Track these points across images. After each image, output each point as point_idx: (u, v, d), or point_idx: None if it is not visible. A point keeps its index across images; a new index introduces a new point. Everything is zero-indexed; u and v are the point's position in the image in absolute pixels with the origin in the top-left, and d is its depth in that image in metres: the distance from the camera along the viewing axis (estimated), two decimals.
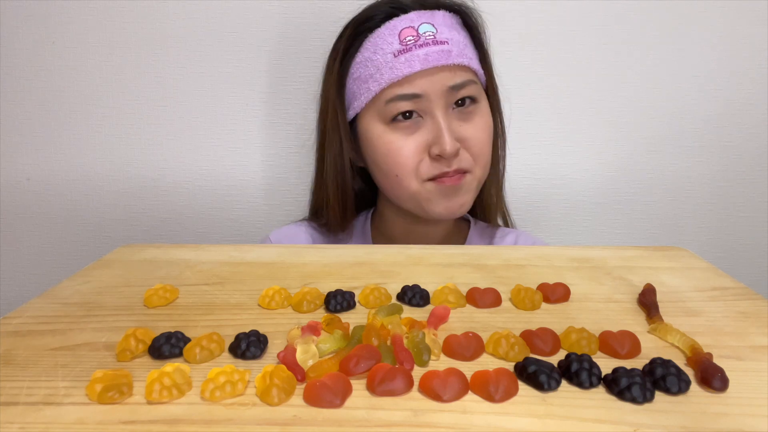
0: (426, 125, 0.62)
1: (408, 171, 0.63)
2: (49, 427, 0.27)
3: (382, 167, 0.65)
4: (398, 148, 0.62)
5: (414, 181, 0.63)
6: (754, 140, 0.88)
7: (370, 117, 0.64)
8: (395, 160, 0.63)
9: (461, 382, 0.30)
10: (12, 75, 0.85)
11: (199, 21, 0.83)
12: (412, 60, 0.60)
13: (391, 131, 0.63)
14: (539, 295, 0.42)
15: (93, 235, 0.90)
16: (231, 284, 0.45)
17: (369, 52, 0.63)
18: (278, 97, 0.86)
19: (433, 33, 0.61)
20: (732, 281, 0.46)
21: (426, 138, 0.62)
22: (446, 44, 0.61)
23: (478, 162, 0.65)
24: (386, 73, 0.61)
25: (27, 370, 0.32)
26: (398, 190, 0.65)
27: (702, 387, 0.31)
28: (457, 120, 0.63)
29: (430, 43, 0.61)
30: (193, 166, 0.88)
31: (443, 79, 0.61)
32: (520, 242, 0.73)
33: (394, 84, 0.61)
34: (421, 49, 0.60)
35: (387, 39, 0.62)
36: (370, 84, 0.63)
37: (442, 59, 0.60)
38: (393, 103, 0.62)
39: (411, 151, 0.62)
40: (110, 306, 0.41)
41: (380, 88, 0.62)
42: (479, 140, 0.64)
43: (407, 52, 0.60)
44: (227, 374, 0.30)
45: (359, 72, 0.64)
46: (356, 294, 0.42)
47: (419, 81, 0.61)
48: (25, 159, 0.88)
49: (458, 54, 0.62)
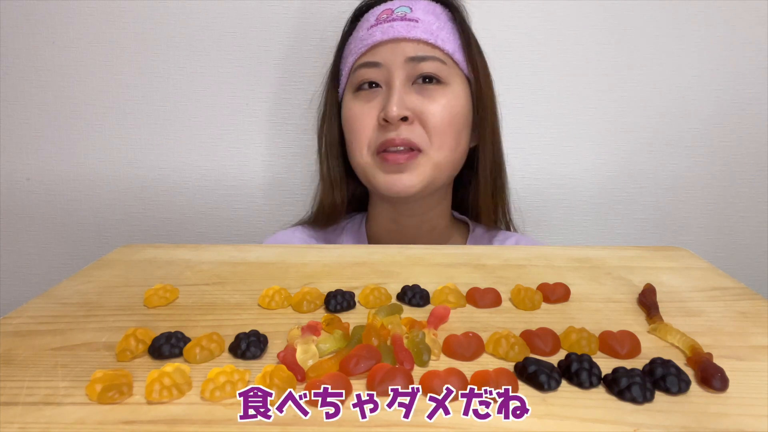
0: (383, 94, 0.63)
1: (361, 138, 0.64)
2: (49, 427, 0.27)
3: (346, 137, 0.67)
4: (355, 115, 0.64)
5: (364, 150, 0.64)
6: (754, 140, 0.88)
7: (347, 90, 0.67)
8: (352, 127, 0.65)
9: (461, 382, 0.30)
10: (12, 75, 0.85)
11: (199, 21, 0.83)
12: (376, 32, 0.63)
13: (355, 99, 0.65)
14: (539, 295, 0.42)
15: (93, 235, 0.90)
16: (231, 284, 0.45)
17: (356, 32, 0.67)
18: (278, 97, 0.86)
19: (406, 12, 0.64)
20: (732, 281, 0.46)
21: (380, 104, 0.63)
22: (415, 21, 0.63)
23: (434, 141, 0.62)
24: (358, 45, 0.65)
25: (27, 370, 0.32)
26: (354, 160, 0.66)
27: (702, 387, 0.31)
28: (416, 93, 0.62)
29: (398, 19, 0.63)
30: (193, 166, 0.88)
31: (404, 49, 0.62)
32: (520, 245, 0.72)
33: (362, 54, 0.64)
34: (388, 23, 0.63)
35: (369, 19, 0.66)
36: (349, 59, 0.66)
37: (404, 31, 0.62)
38: (358, 71, 0.64)
39: (365, 117, 0.63)
40: (110, 306, 0.41)
41: (353, 61, 0.65)
42: (437, 117, 0.62)
43: (377, 26, 0.64)
44: (227, 374, 0.30)
45: (345, 51, 0.68)
46: (356, 294, 0.42)
47: (381, 50, 0.63)
48: (25, 159, 0.88)
49: (424, 31, 0.63)
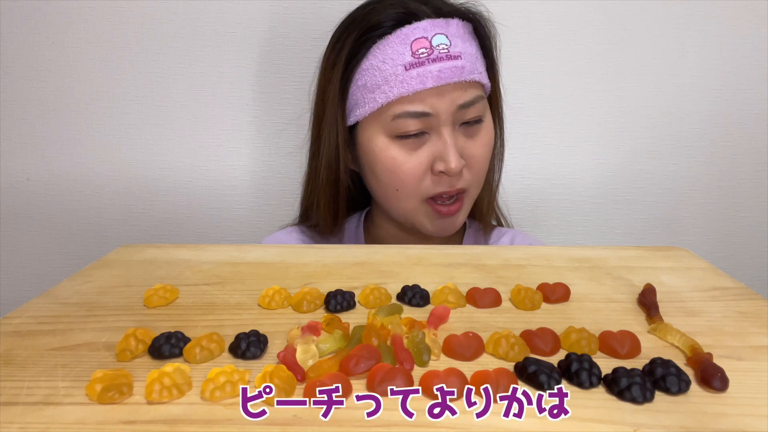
0: (431, 141, 0.60)
1: (410, 188, 0.61)
2: (49, 427, 0.27)
3: (381, 180, 0.63)
4: (402, 164, 0.60)
5: (413, 198, 0.62)
6: (754, 140, 0.88)
7: (374, 128, 0.61)
8: (397, 176, 0.61)
9: (461, 382, 0.30)
10: (12, 75, 0.85)
11: (198, 21, 0.83)
12: (424, 76, 0.57)
13: (396, 146, 0.60)
14: (539, 295, 0.42)
15: (93, 235, 0.90)
16: (231, 284, 0.45)
17: (377, 60, 0.59)
18: (278, 98, 0.86)
19: (447, 46, 0.58)
20: (732, 281, 0.46)
21: (431, 153, 0.60)
22: (459, 59, 0.58)
23: (476, 180, 0.64)
24: (395, 86, 0.58)
25: (27, 370, 0.32)
26: (394, 204, 0.64)
27: (702, 387, 0.31)
28: (463, 136, 0.61)
29: (444, 57, 0.58)
30: (193, 166, 0.88)
31: (454, 97, 0.59)
32: (516, 242, 0.72)
33: (404, 99, 0.58)
34: (434, 64, 0.57)
35: (397, 49, 0.58)
36: (376, 95, 0.59)
37: (455, 76, 0.58)
38: (401, 120, 0.59)
39: (415, 167, 0.60)
40: (110, 306, 0.41)
41: (387, 101, 0.58)
42: (481, 158, 0.63)
43: (419, 66, 0.57)
44: (227, 374, 0.30)
45: (365, 80, 0.60)
46: (356, 294, 0.42)
47: (430, 99, 0.58)
48: (25, 159, 0.88)
49: (470, 70, 0.59)
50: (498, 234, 0.73)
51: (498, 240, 0.72)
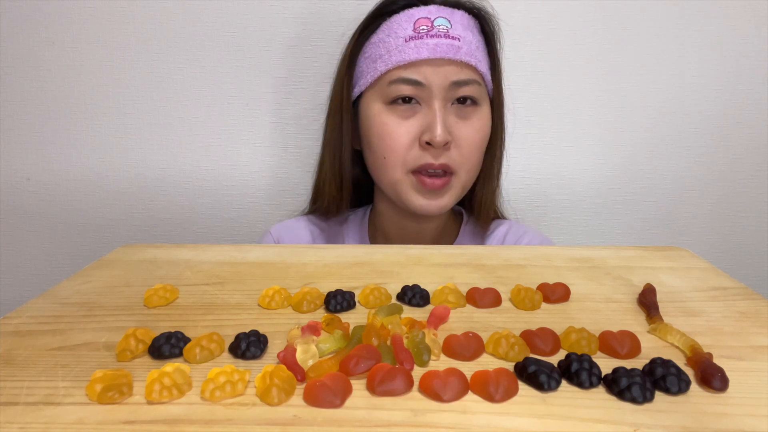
0: (422, 113, 0.63)
1: (396, 156, 0.63)
2: (49, 427, 0.27)
3: (373, 147, 0.66)
4: (391, 131, 0.63)
5: (399, 168, 0.64)
6: (754, 140, 0.88)
7: (372, 96, 0.65)
8: (386, 142, 0.64)
9: (461, 382, 0.30)
10: (12, 75, 0.85)
11: (199, 21, 0.83)
12: (420, 47, 0.61)
13: (388, 112, 0.64)
14: (539, 295, 0.42)
15: (93, 235, 0.90)
16: (231, 284, 0.45)
17: (383, 34, 0.65)
18: (278, 97, 0.86)
19: (447, 27, 0.62)
20: (732, 281, 0.46)
21: (420, 124, 0.63)
22: (457, 40, 0.62)
23: (465, 164, 0.65)
24: (395, 55, 0.62)
25: (27, 370, 0.32)
26: (382, 174, 0.66)
27: (702, 387, 0.31)
28: (454, 116, 0.64)
29: (442, 35, 0.62)
30: (193, 166, 0.88)
31: (448, 72, 0.62)
32: (512, 232, 0.73)
33: (400, 67, 0.62)
34: (431, 39, 0.61)
35: (402, 24, 0.63)
36: (378, 64, 0.64)
37: (450, 53, 0.61)
38: (395, 85, 0.63)
39: (403, 135, 0.63)
40: (110, 306, 0.41)
41: (386, 69, 0.63)
42: (471, 142, 0.64)
43: (418, 39, 0.62)
44: (227, 374, 0.30)
45: (370, 51, 0.65)
46: (356, 294, 0.42)
47: (424, 69, 0.62)
48: (25, 159, 0.88)
49: (467, 52, 0.63)
50: (495, 225, 0.74)
51: (494, 231, 0.73)
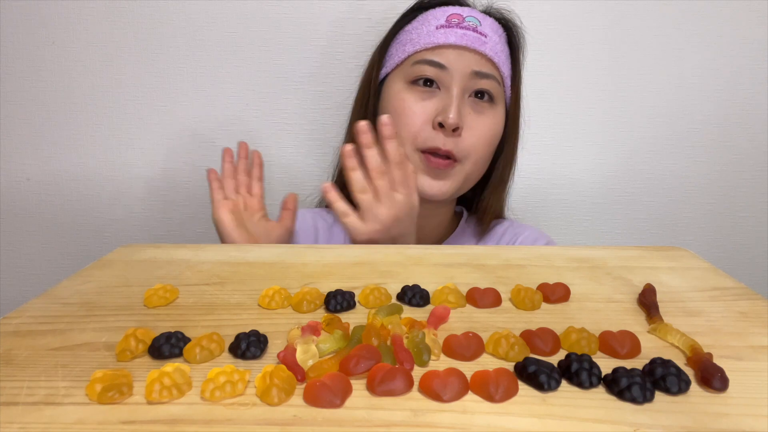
0: (440, 97, 0.65)
1: (409, 133, 0.65)
2: (49, 427, 0.27)
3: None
4: (407, 108, 0.65)
5: (409, 144, 0.65)
6: (754, 140, 0.88)
7: (396, 75, 0.68)
8: (401, 119, 0.65)
9: (461, 382, 0.30)
10: (12, 75, 0.85)
11: (199, 21, 0.84)
12: (449, 34, 0.65)
13: (409, 91, 0.66)
14: (539, 295, 0.42)
15: (93, 235, 0.90)
16: (231, 284, 0.45)
17: (418, 23, 0.68)
18: (278, 97, 0.86)
19: (477, 24, 0.66)
20: (732, 281, 0.46)
21: (436, 107, 0.65)
22: (484, 36, 0.65)
23: (471, 156, 0.66)
24: (423, 38, 0.66)
25: (27, 370, 0.32)
26: None
27: (702, 387, 0.31)
28: (469, 107, 0.66)
29: (470, 28, 0.65)
30: (193, 166, 0.88)
31: (471, 61, 0.65)
32: (509, 230, 0.74)
33: (427, 49, 0.65)
34: (460, 29, 0.65)
35: (436, 16, 0.67)
36: (407, 47, 0.67)
37: (476, 44, 0.65)
38: (419, 66, 0.65)
39: (418, 114, 0.65)
40: (110, 306, 0.41)
41: (414, 50, 0.66)
42: (480, 134, 0.66)
43: (448, 27, 0.65)
44: (227, 374, 0.30)
45: (403, 38, 0.69)
46: (356, 294, 0.42)
47: (449, 53, 0.65)
48: (25, 159, 0.88)
49: (492, 49, 0.66)
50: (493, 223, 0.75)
51: (493, 229, 0.74)
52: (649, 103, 0.87)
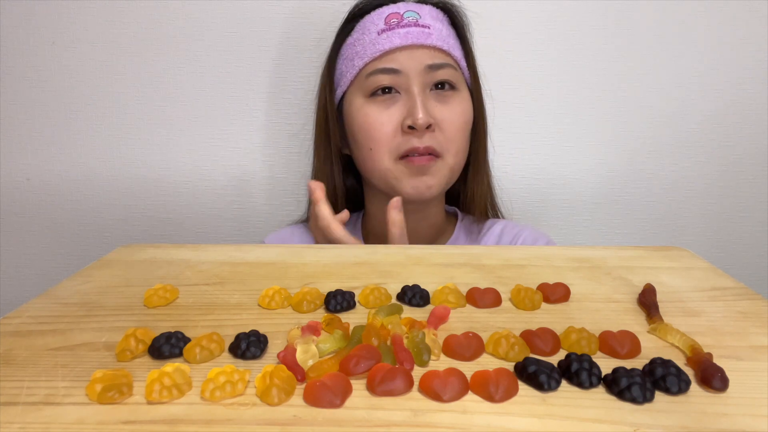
0: (402, 101, 0.65)
1: (381, 145, 0.65)
2: (49, 427, 0.27)
3: (358, 140, 0.67)
4: (374, 121, 0.65)
5: (386, 156, 0.65)
6: (754, 140, 0.88)
7: (353, 92, 0.67)
8: (370, 134, 0.65)
9: (461, 382, 0.30)
10: (12, 75, 0.85)
11: (199, 21, 0.84)
12: (392, 36, 0.63)
13: (369, 104, 0.65)
14: (539, 295, 0.42)
15: (93, 235, 0.90)
16: (231, 284, 0.45)
17: (358, 33, 0.67)
18: (278, 97, 0.86)
19: (416, 18, 0.65)
20: (732, 281, 0.46)
21: (401, 112, 0.64)
22: (427, 28, 0.64)
23: (450, 148, 0.66)
24: (369, 49, 0.65)
25: (27, 370, 0.32)
26: (370, 165, 0.67)
27: (702, 387, 0.31)
28: (434, 100, 0.65)
29: (412, 24, 0.64)
30: (193, 166, 0.88)
31: (422, 56, 0.64)
32: (506, 231, 0.73)
33: (376, 59, 0.64)
34: (402, 28, 0.64)
35: (374, 21, 0.66)
36: (355, 61, 0.66)
37: (421, 38, 0.64)
38: (373, 77, 0.64)
39: (385, 124, 0.64)
40: (110, 306, 0.41)
41: (363, 63, 0.65)
42: (453, 124, 0.65)
43: (389, 30, 0.64)
44: (227, 374, 0.30)
45: (348, 52, 0.68)
46: (356, 294, 0.42)
47: (399, 57, 0.64)
48: (25, 159, 0.88)
49: (438, 38, 0.65)
50: (489, 224, 0.74)
51: (489, 230, 0.73)
52: (649, 103, 0.87)
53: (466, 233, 0.74)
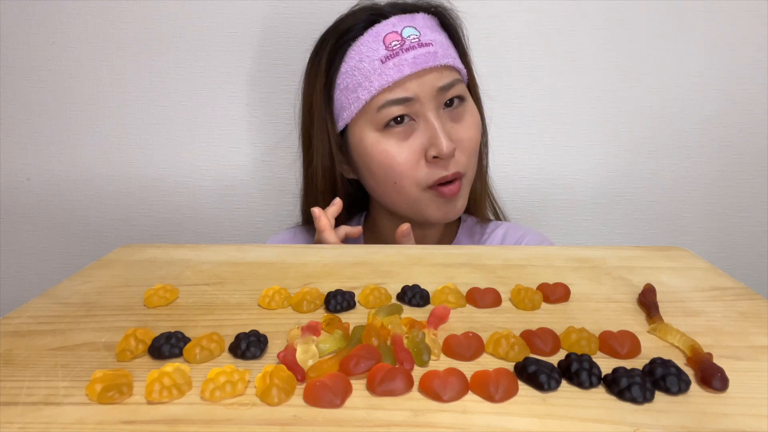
0: (420, 128, 0.62)
1: (407, 178, 0.62)
2: (49, 427, 0.27)
3: (378, 175, 0.64)
4: (394, 155, 0.62)
5: (414, 188, 0.63)
6: (754, 140, 0.88)
7: (362, 126, 0.63)
8: (393, 168, 0.62)
9: (461, 382, 0.30)
10: (12, 75, 0.85)
11: (198, 21, 0.83)
12: (401, 64, 0.60)
13: (385, 138, 0.62)
14: (539, 295, 0.42)
15: (93, 235, 0.90)
16: (231, 284, 0.45)
17: (354, 60, 0.62)
18: (279, 97, 0.86)
19: (417, 36, 0.61)
20: (732, 281, 0.46)
21: (421, 141, 0.62)
22: (431, 46, 0.61)
23: (470, 163, 0.65)
24: (375, 80, 0.61)
25: (27, 370, 0.32)
26: (396, 197, 0.65)
27: (702, 387, 0.31)
28: (450, 121, 0.63)
29: (416, 45, 0.61)
30: (193, 166, 0.88)
31: (432, 80, 0.61)
32: (509, 234, 0.73)
33: (385, 90, 0.61)
34: (408, 52, 0.60)
35: (371, 46, 0.61)
36: (359, 93, 0.62)
37: (429, 61, 0.61)
38: (385, 109, 0.61)
39: (407, 156, 0.62)
40: (110, 306, 0.41)
41: (370, 96, 0.61)
42: (471, 140, 0.65)
43: (395, 56, 0.60)
44: (227, 374, 0.30)
45: (346, 82, 0.63)
46: (356, 294, 0.42)
47: (409, 84, 0.61)
48: (25, 159, 0.88)
49: (443, 55, 0.62)
50: (492, 227, 0.74)
51: (492, 233, 0.73)
52: (650, 103, 0.87)
53: (469, 236, 0.74)
